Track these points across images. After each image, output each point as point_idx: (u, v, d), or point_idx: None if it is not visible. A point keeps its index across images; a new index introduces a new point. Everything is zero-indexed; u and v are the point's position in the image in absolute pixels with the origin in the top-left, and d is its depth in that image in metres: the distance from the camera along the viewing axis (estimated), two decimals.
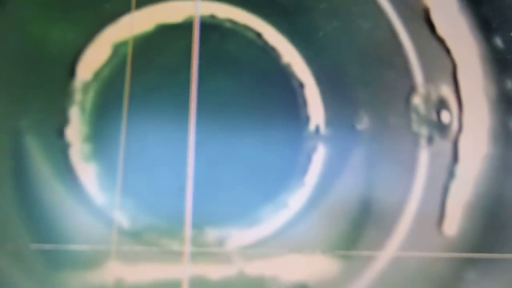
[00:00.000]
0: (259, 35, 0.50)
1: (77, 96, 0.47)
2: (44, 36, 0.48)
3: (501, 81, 0.54)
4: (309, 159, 0.49)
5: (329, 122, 0.50)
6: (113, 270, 0.45)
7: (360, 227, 0.49)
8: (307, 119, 0.50)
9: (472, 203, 0.51)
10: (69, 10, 0.48)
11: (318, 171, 0.49)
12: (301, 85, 0.50)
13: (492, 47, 0.54)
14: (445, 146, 0.52)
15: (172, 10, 0.50)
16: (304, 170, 0.49)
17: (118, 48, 0.48)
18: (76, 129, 0.47)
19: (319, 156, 0.49)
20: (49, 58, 0.47)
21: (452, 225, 0.50)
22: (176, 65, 0.49)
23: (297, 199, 0.48)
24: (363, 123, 0.51)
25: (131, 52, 0.48)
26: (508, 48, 0.54)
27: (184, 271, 0.46)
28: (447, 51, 0.53)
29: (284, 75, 0.50)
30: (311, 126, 0.50)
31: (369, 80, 0.51)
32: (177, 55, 0.49)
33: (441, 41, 0.53)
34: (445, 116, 0.52)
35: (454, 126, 0.52)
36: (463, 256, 0.50)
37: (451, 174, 0.51)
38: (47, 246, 0.44)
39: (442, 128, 0.52)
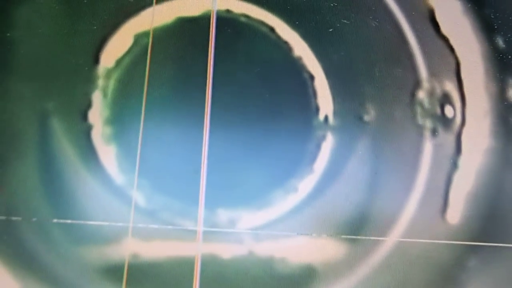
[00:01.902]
0: (272, 29, 0.53)
1: (100, 82, 0.50)
2: (71, 26, 0.50)
3: (502, 79, 0.56)
4: (318, 147, 0.51)
5: (337, 113, 0.52)
6: (130, 246, 0.47)
7: (365, 213, 0.51)
8: (316, 109, 0.52)
9: (474, 193, 0.53)
10: (94, 2, 0.51)
11: (327, 159, 0.51)
12: (312, 77, 0.53)
13: (494, 47, 0.56)
14: (448, 138, 0.54)
15: (190, 5, 0.52)
16: (313, 158, 0.51)
17: (140, 38, 0.51)
18: (98, 113, 0.49)
19: (328, 144, 0.51)
20: (76, 46, 0.50)
21: (455, 214, 0.52)
22: (193, 56, 0.51)
23: (306, 184, 0.50)
24: (370, 115, 0.53)
25: (151, 42, 0.51)
26: (509, 48, 0.57)
27: (197, 249, 0.48)
28: (451, 49, 0.56)
29: (296, 67, 0.53)
30: (321, 116, 0.52)
31: (376, 74, 0.54)
32: (194, 47, 0.52)
33: (445, 39, 0.56)
34: (448, 110, 0.54)
35: (457, 120, 0.54)
36: (465, 244, 0.52)
37: (454, 165, 0.53)
38: (69, 221, 0.47)
39: (445, 122, 0.54)
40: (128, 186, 0.48)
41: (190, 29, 0.52)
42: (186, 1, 0.52)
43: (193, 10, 0.52)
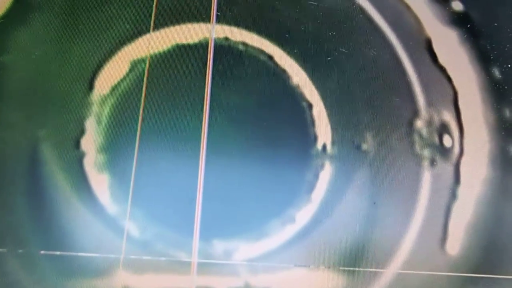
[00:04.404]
0: (270, 57, 0.49)
1: (94, 109, 0.45)
2: (66, 51, 0.46)
3: (499, 109, 0.52)
4: (316, 176, 0.47)
5: (335, 141, 0.48)
6: (121, 278, 0.42)
7: (364, 244, 0.46)
8: (315, 138, 0.48)
9: (473, 223, 0.49)
10: (91, 28, 0.47)
11: (325, 188, 0.47)
12: (310, 106, 0.49)
13: (491, 77, 0.53)
14: (447, 168, 0.50)
15: (188, 32, 0.49)
16: (311, 187, 0.47)
17: (136, 65, 0.47)
18: (91, 140, 0.45)
19: (326, 174, 0.47)
20: (70, 72, 0.46)
21: (455, 245, 0.48)
22: (190, 83, 0.47)
23: (303, 214, 0.46)
24: (368, 144, 0.49)
25: (147, 69, 0.47)
26: (505, 78, 0.53)
27: (191, 282, 0.43)
28: (448, 79, 0.52)
29: (294, 96, 0.49)
30: (319, 145, 0.48)
31: (374, 103, 0.50)
32: (191, 74, 0.48)
33: (442, 69, 0.52)
34: (446, 140, 0.51)
35: (456, 149, 0.50)
36: (465, 276, 0.47)
37: (453, 195, 0.49)
38: (58, 253, 0.42)
39: (444, 152, 0.50)
40: (121, 216, 0.44)
41: (187, 56, 0.48)
42: (184, 28, 0.49)
43: (191, 37, 0.49)
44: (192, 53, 0.48)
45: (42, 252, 0.41)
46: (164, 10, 0.48)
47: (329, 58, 0.50)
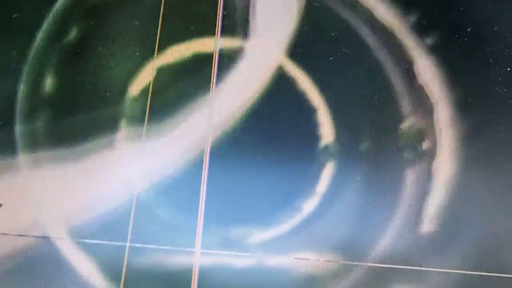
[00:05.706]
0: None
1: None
2: None
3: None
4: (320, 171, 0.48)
5: (338, 139, 0.49)
6: (127, 265, 0.43)
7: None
8: (316, 127, 0.49)
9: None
10: None
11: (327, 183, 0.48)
12: (312, 106, 0.50)
13: None
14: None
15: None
16: (314, 182, 0.48)
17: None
18: None
19: (328, 170, 0.48)
20: None
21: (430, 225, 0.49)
22: (196, 75, 0.48)
23: (309, 205, 0.47)
24: (368, 144, 0.50)
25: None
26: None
27: (194, 272, 0.44)
28: None
29: (298, 96, 0.50)
30: (322, 143, 0.49)
31: (375, 103, 0.51)
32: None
33: None
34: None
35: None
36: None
37: None
38: None
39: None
40: (127, 204, 0.44)
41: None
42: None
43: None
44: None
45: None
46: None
47: (331, 58, 0.51)
